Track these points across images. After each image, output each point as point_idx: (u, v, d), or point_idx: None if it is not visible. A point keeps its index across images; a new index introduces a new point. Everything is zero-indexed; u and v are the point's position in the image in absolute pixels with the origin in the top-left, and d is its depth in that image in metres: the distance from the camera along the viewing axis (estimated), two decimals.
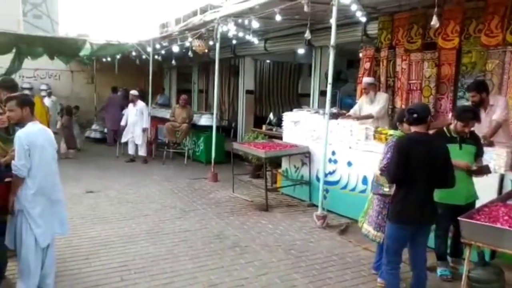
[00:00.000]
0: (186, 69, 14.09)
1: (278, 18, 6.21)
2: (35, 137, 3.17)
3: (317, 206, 5.68)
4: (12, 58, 10.53)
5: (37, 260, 3.24)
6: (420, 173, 3.09)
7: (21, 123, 3.23)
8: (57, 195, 3.37)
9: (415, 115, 3.14)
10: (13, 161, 3.11)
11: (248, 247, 4.71)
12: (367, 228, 3.93)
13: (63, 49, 11.21)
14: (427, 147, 3.12)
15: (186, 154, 9.66)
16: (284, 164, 6.99)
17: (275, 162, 7.15)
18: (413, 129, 3.21)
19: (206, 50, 9.03)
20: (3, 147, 3.52)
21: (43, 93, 13.64)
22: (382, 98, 6.15)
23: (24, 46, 10.43)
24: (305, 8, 5.59)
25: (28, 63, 11.42)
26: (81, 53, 10.17)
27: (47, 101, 12.04)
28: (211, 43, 8.90)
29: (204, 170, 8.81)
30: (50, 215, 3.28)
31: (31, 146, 3.10)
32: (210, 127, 9.43)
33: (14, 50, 10.26)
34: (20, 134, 3.13)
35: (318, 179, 6.11)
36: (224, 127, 11.20)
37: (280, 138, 7.29)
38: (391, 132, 4.78)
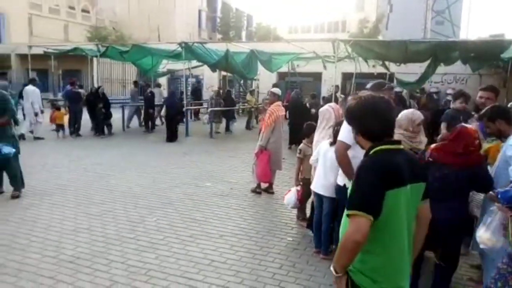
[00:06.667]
0: None
1: None
2: None
3: None
4: (428, 64, 11.25)
5: None
6: None
7: (504, 135, 3.18)
8: None
9: None
10: None
11: None
12: None
13: (480, 53, 10.86)
14: None
15: None
16: None
17: None
18: None
19: None
20: None
21: (448, 98, 13.87)
22: None
23: (441, 52, 10.85)
24: None
25: (438, 68, 11.86)
26: (503, 55, 9.48)
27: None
28: None
29: None
30: None
31: None
32: None
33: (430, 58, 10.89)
34: None
35: None
36: None
37: None
38: None
